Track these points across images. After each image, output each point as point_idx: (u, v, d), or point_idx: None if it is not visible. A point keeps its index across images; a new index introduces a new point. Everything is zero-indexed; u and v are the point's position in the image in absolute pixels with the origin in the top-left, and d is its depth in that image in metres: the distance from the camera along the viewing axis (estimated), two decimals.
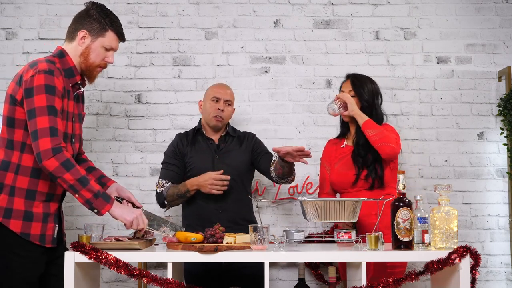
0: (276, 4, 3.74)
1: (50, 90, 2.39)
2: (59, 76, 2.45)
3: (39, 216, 2.46)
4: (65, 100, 2.50)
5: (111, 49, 2.62)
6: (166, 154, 3.20)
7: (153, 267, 3.53)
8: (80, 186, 2.36)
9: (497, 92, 3.69)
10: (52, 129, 2.35)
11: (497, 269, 3.61)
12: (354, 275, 2.59)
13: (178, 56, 3.71)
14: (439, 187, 2.53)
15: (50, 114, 2.37)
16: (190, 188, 3.01)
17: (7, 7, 3.70)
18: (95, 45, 2.58)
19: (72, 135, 2.58)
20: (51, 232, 2.50)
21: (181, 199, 3.06)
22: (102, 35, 2.58)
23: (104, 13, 2.61)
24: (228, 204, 3.08)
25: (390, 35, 3.73)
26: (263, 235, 2.48)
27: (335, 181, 3.09)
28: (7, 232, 2.41)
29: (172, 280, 2.40)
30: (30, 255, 2.44)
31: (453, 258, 2.38)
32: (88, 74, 2.62)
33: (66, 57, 2.56)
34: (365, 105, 3.06)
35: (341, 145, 3.17)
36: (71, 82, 2.56)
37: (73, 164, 2.36)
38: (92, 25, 2.57)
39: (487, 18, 3.73)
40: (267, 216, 3.62)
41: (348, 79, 3.15)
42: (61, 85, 2.44)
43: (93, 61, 2.59)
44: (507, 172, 3.61)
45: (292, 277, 3.53)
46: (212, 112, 3.14)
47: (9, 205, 2.42)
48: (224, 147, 3.17)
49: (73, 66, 2.57)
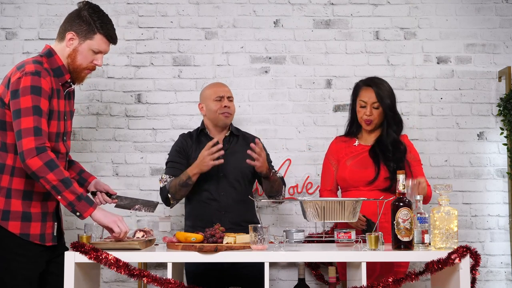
0: (276, 4, 3.74)
1: (36, 91, 2.38)
2: (47, 76, 2.44)
3: (37, 216, 2.47)
4: (55, 100, 2.49)
5: (99, 52, 2.57)
6: (171, 153, 3.20)
7: (153, 267, 3.53)
8: (63, 187, 2.33)
9: (497, 92, 3.69)
10: (36, 129, 2.34)
11: (497, 269, 3.61)
12: (354, 275, 2.59)
13: (178, 56, 3.71)
14: (439, 187, 2.53)
15: (35, 114, 2.35)
16: (191, 173, 3.00)
17: (7, 7, 3.70)
18: (83, 47, 2.54)
19: (64, 133, 2.58)
20: (50, 231, 2.51)
21: (184, 189, 3.03)
22: (90, 37, 2.54)
23: (96, 15, 2.55)
24: (231, 206, 3.08)
25: (390, 35, 3.73)
26: (263, 235, 2.48)
27: (348, 177, 3.05)
28: (6, 234, 2.42)
29: (172, 280, 2.40)
30: (31, 254, 2.44)
31: (453, 258, 2.38)
32: (75, 76, 2.59)
33: (54, 56, 2.54)
34: (390, 114, 3.05)
35: (352, 143, 3.14)
36: (61, 81, 2.55)
37: (57, 164, 2.34)
38: (81, 27, 2.53)
39: (487, 18, 3.74)
40: (267, 216, 3.62)
41: (370, 88, 3.07)
42: (48, 85, 2.43)
43: (80, 63, 2.55)
44: (507, 172, 3.61)
45: (292, 277, 3.53)
46: (218, 110, 3.14)
47: (7, 207, 2.42)
48: (228, 148, 3.17)
49: (61, 65, 2.54)
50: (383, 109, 3.04)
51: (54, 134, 2.49)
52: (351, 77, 3.67)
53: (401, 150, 3.03)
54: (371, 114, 3.05)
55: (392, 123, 3.06)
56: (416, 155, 3.11)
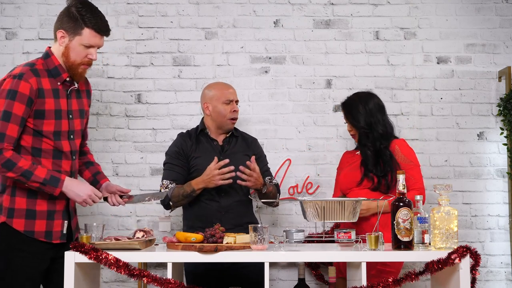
0: (276, 4, 3.73)
1: (10, 95, 2.45)
2: (31, 78, 2.48)
3: (43, 213, 2.55)
4: (50, 99, 2.53)
5: (91, 46, 2.57)
6: (169, 154, 3.18)
7: (153, 267, 3.53)
8: (25, 179, 2.45)
9: (497, 92, 3.69)
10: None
11: (497, 269, 3.61)
12: (354, 275, 2.60)
13: (178, 56, 3.71)
14: (439, 187, 2.53)
15: (3, 119, 2.44)
16: (196, 187, 2.99)
17: (7, 7, 3.70)
18: (73, 44, 2.56)
19: (69, 132, 2.61)
20: (59, 228, 2.59)
21: (186, 199, 3.04)
22: (79, 33, 2.55)
23: (84, 9, 2.55)
24: (231, 206, 3.08)
25: (390, 35, 3.73)
26: (263, 235, 2.48)
27: (342, 181, 3.14)
28: (11, 231, 2.50)
29: (172, 280, 2.40)
30: (35, 251, 2.53)
31: (453, 258, 2.38)
32: (72, 73, 2.61)
33: (51, 57, 2.59)
34: (363, 132, 3.08)
35: (355, 152, 3.20)
36: (59, 81, 2.58)
37: (14, 162, 2.43)
38: (69, 24, 2.55)
39: (487, 18, 3.73)
40: (267, 216, 3.62)
41: (342, 109, 3.19)
42: (27, 88, 2.46)
43: (74, 60, 2.57)
44: (507, 172, 3.61)
45: (292, 277, 3.53)
46: (228, 115, 3.12)
47: (12, 205, 2.52)
48: (228, 148, 3.17)
49: (58, 65, 2.58)
50: (355, 129, 3.11)
51: (51, 133, 2.54)
52: (351, 77, 3.67)
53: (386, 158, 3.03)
54: (351, 129, 3.15)
55: (364, 140, 3.08)
56: (408, 157, 3.08)
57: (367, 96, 3.15)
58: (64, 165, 2.61)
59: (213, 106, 3.15)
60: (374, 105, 3.12)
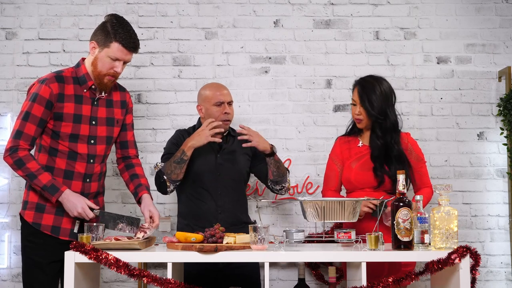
0: (276, 4, 3.74)
1: (33, 98, 2.70)
2: (53, 83, 2.71)
3: (52, 208, 2.73)
4: (70, 104, 2.74)
5: (117, 60, 2.76)
6: (167, 147, 3.17)
7: (153, 267, 3.53)
8: (29, 180, 2.68)
9: (497, 92, 3.69)
10: (18, 132, 2.68)
11: (497, 269, 3.61)
12: (354, 275, 2.60)
13: (178, 56, 3.71)
14: (439, 187, 2.53)
15: (22, 119, 2.69)
16: (185, 147, 2.96)
17: (7, 7, 3.70)
18: (102, 55, 2.76)
19: (89, 136, 2.80)
20: (69, 226, 2.76)
21: (179, 166, 2.96)
22: (107, 45, 2.74)
23: (118, 25, 2.75)
24: (227, 205, 3.07)
25: (390, 35, 3.73)
26: (263, 235, 2.49)
27: (354, 180, 3.02)
28: (24, 222, 2.77)
29: (172, 280, 2.40)
30: (41, 242, 2.72)
31: (453, 258, 2.39)
32: (97, 82, 2.80)
33: (81, 66, 2.82)
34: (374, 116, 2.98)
35: (356, 143, 3.11)
36: (85, 88, 2.80)
37: (24, 162, 2.66)
38: (101, 36, 2.76)
39: (487, 18, 3.74)
40: (267, 216, 3.62)
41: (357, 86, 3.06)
42: (48, 92, 2.68)
43: (100, 70, 2.77)
44: (507, 172, 3.61)
45: (292, 277, 3.53)
46: (219, 117, 3.09)
47: (26, 198, 2.78)
48: (226, 147, 3.16)
49: (85, 73, 2.80)
50: (367, 115, 3.01)
51: (67, 135, 2.74)
52: (351, 77, 3.67)
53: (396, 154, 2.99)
54: (360, 113, 3.03)
55: (377, 128, 3.01)
56: (419, 154, 3.09)
57: (382, 79, 3.07)
58: (78, 166, 2.78)
59: (205, 109, 3.14)
60: (390, 89, 3.05)
